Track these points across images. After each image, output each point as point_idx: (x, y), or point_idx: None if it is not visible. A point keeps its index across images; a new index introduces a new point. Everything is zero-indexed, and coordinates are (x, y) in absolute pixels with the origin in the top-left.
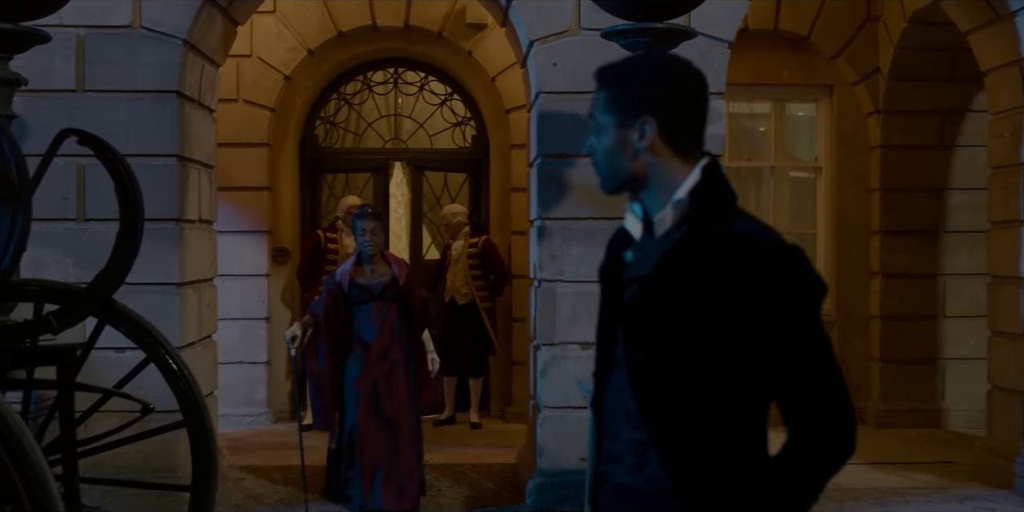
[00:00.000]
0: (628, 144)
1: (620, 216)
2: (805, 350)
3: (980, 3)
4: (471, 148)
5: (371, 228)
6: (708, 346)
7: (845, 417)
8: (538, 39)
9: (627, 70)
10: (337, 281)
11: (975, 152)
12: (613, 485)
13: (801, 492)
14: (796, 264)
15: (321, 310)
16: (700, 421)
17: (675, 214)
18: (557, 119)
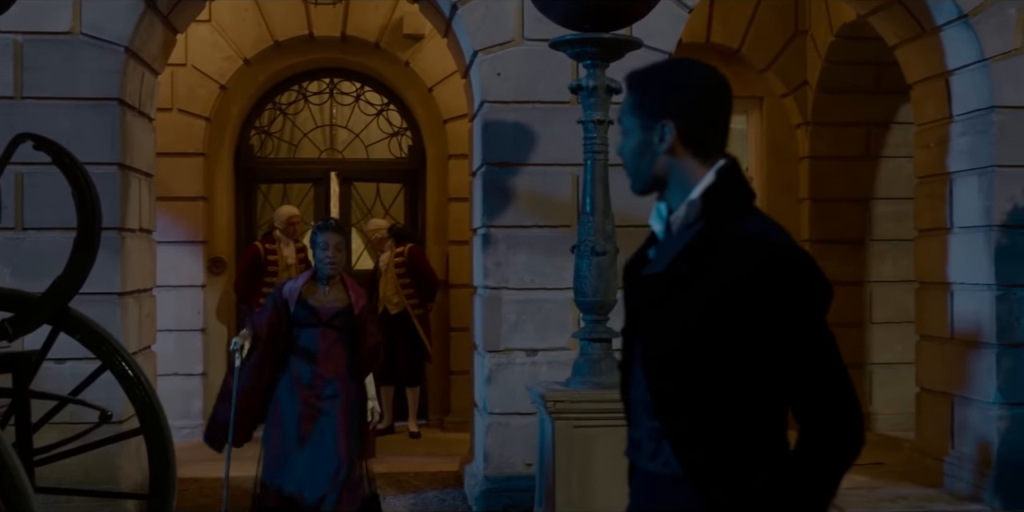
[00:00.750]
0: (650, 146)
1: (564, 224)
2: (810, 351)
3: (907, 18)
4: (407, 158)
5: (335, 244)
6: (716, 344)
7: (851, 415)
8: (482, 49)
9: (651, 75)
10: (284, 296)
11: (899, 163)
12: (637, 470)
13: (811, 487)
14: (802, 268)
15: (264, 320)
16: (710, 415)
17: (688, 214)
18: (501, 128)
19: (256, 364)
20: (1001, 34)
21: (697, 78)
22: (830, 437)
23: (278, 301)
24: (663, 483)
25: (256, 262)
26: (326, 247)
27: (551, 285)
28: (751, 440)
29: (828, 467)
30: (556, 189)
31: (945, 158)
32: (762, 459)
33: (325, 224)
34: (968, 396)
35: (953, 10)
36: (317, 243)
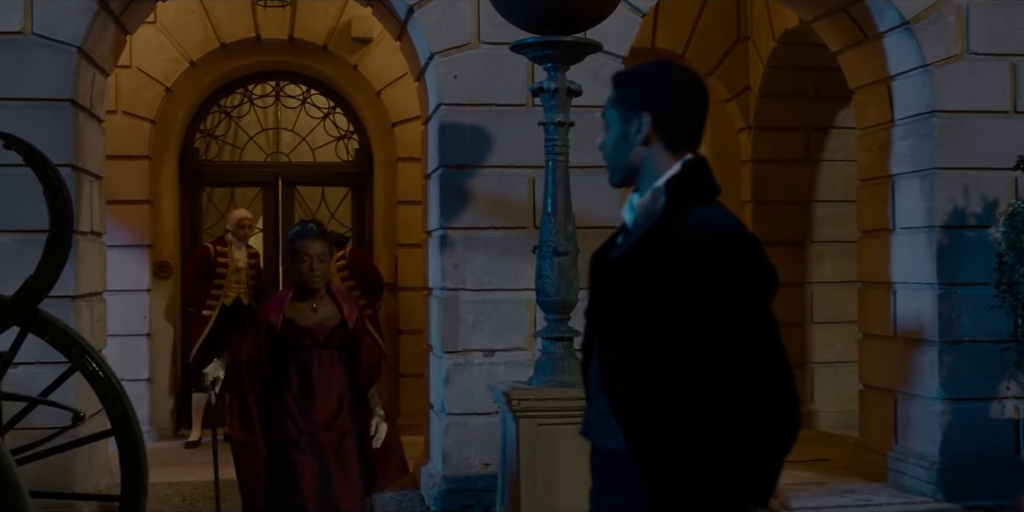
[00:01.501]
0: (627, 137)
1: (520, 226)
2: (749, 331)
3: (850, 25)
4: (354, 162)
5: (317, 253)
6: (662, 321)
7: (788, 397)
8: (439, 52)
9: (636, 74)
10: (266, 319)
11: (838, 166)
12: (593, 446)
13: (750, 467)
14: (747, 251)
15: (245, 351)
16: (654, 390)
17: (652, 200)
18: (458, 131)
19: (249, 408)
20: (942, 40)
21: (676, 78)
22: (766, 416)
23: (258, 327)
24: (613, 459)
25: (205, 264)
26: (306, 259)
27: (508, 286)
28: (692, 418)
29: (766, 446)
30: (512, 191)
31: (887, 161)
32: (702, 439)
33: (304, 230)
34: (911, 392)
35: (896, 17)
36: (295, 253)
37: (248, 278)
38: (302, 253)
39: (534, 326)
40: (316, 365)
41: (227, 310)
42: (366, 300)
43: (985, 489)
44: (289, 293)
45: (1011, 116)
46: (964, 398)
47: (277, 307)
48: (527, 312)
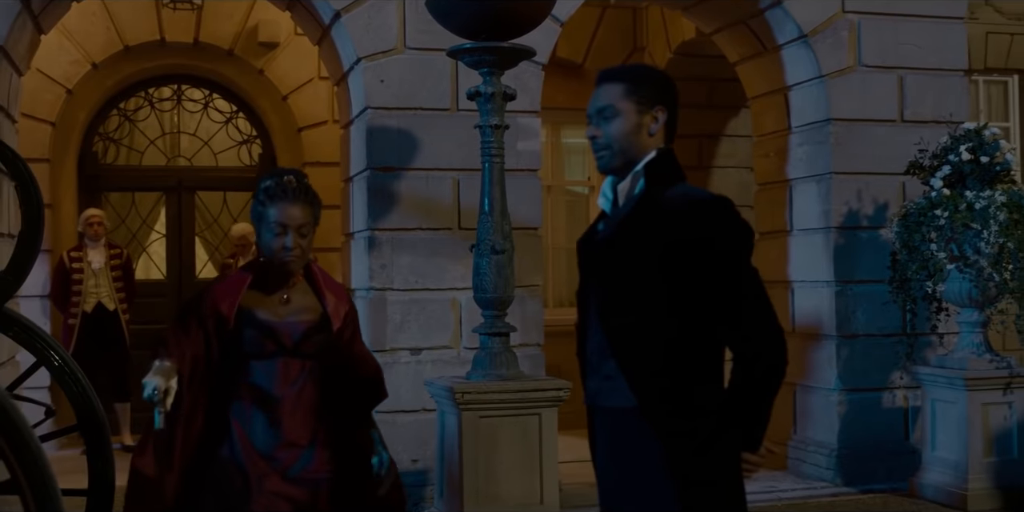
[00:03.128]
0: (642, 128)
1: (446, 227)
2: (739, 283)
3: (750, 37)
4: (258, 166)
5: (297, 224)
6: (658, 283)
7: (776, 340)
8: (366, 56)
9: (638, 70)
10: (214, 306)
11: (729, 172)
12: (598, 410)
13: (746, 408)
14: (727, 209)
15: (188, 352)
16: (657, 346)
17: (632, 183)
18: (385, 134)
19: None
20: (836, 53)
21: (669, 79)
22: (758, 362)
23: (205, 317)
24: (622, 416)
25: (62, 270)
26: (282, 228)
27: (434, 286)
28: (693, 372)
29: (761, 389)
30: (438, 193)
31: (785, 166)
32: (703, 389)
33: (279, 188)
34: (810, 384)
35: (794, 31)
36: (263, 220)
37: (111, 280)
38: (274, 222)
39: (460, 325)
40: (280, 381)
41: (89, 317)
42: None
43: (879, 474)
44: (248, 276)
45: (899, 125)
46: (859, 389)
47: (231, 291)
48: (453, 311)
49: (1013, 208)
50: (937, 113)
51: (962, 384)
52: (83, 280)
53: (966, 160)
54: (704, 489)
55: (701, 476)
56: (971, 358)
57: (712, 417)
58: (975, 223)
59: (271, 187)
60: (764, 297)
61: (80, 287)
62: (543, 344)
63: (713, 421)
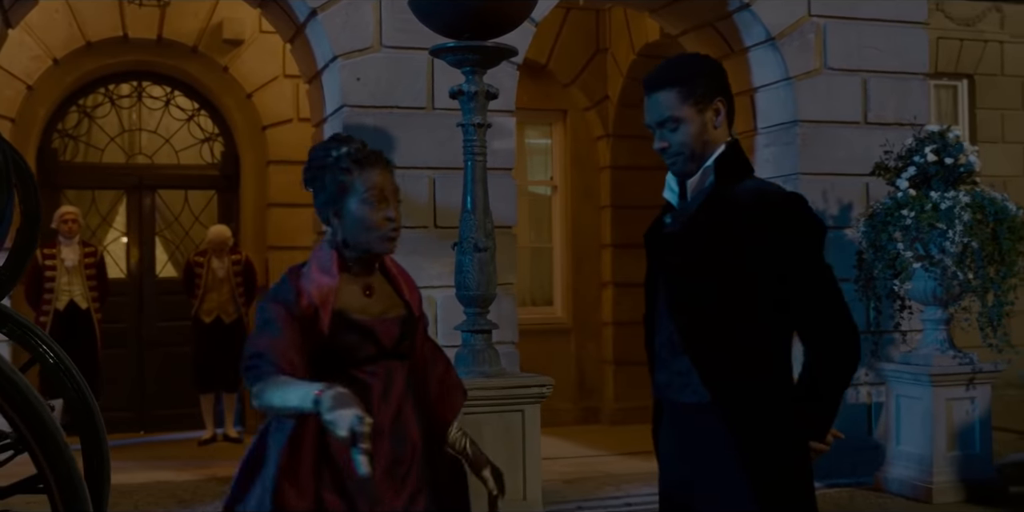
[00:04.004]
0: (707, 126)
1: (422, 225)
2: (816, 278)
3: (717, 39)
4: (220, 164)
5: (393, 191)
6: (733, 277)
7: (850, 333)
8: (342, 54)
9: (686, 68)
10: (310, 304)
11: None
12: (668, 405)
13: (819, 399)
14: (801, 206)
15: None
16: (730, 342)
17: (702, 178)
18: (361, 132)
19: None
20: (803, 56)
21: (717, 64)
22: (837, 353)
23: (302, 317)
24: (695, 412)
25: (35, 267)
26: (382, 197)
27: None
28: (765, 365)
29: (836, 379)
30: (414, 191)
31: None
32: (775, 382)
33: (363, 152)
34: None
35: (762, 33)
36: (356, 190)
37: (84, 279)
38: (372, 189)
39: (436, 323)
40: (381, 390)
41: (61, 316)
42: (247, 308)
43: (845, 468)
44: (332, 263)
45: (862, 126)
46: None
47: (325, 287)
48: (429, 309)
49: (977, 208)
50: (899, 115)
51: (927, 380)
52: (56, 277)
53: (931, 162)
54: (779, 483)
55: (776, 471)
56: (936, 355)
57: (784, 411)
58: (941, 223)
59: (354, 152)
60: (838, 292)
61: (53, 284)
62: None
63: (786, 415)
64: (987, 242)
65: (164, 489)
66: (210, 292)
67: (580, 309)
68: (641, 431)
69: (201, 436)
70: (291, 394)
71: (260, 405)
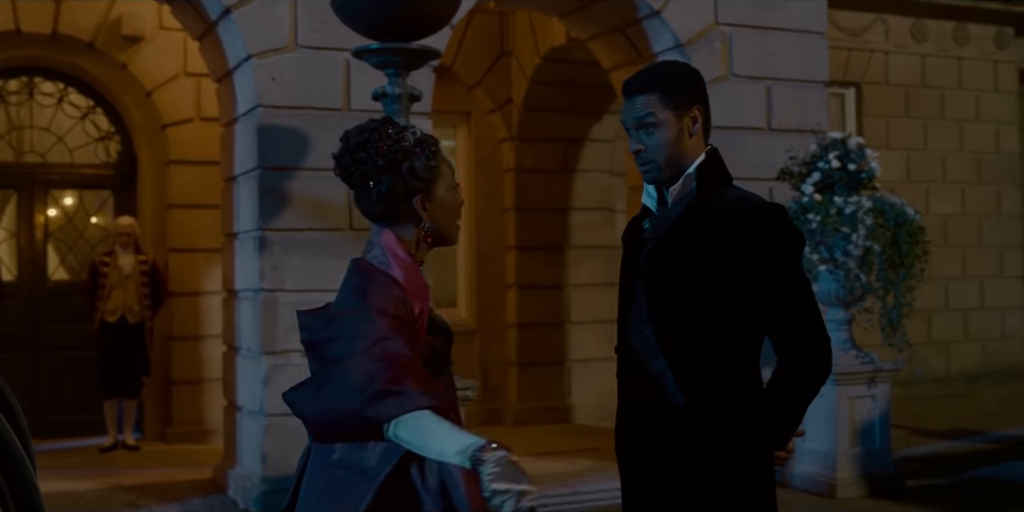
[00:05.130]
0: (684, 132)
1: (338, 227)
2: (792, 288)
3: (626, 45)
4: (117, 164)
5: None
6: (710, 286)
7: (823, 345)
8: (257, 53)
9: (668, 74)
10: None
11: (592, 176)
12: (640, 407)
13: (785, 409)
14: (782, 217)
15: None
16: (705, 347)
17: (683, 185)
18: (277, 133)
19: None
20: (710, 63)
21: (697, 73)
22: (805, 364)
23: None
24: (666, 415)
25: None
26: (456, 184)
27: (326, 287)
28: (738, 371)
29: (804, 390)
30: (331, 193)
31: None
32: (747, 387)
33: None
34: None
35: (671, 39)
36: (443, 177)
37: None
38: (452, 173)
39: None
40: (453, 402)
41: None
42: (152, 311)
43: None
44: (405, 262)
45: (766, 132)
46: None
47: (419, 284)
48: None
49: (878, 213)
50: (801, 122)
51: (831, 379)
52: None
53: (835, 167)
54: (746, 487)
55: (744, 474)
56: (839, 354)
57: (754, 417)
58: (845, 227)
59: (426, 139)
60: (814, 304)
61: None
62: None
63: (755, 420)
64: (888, 245)
65: (67, 498)
66: (115, 290)
67: (484, 311)
68: (545, 432)
69: (103, 443)
70: (442, 442)
71: (397, 442)
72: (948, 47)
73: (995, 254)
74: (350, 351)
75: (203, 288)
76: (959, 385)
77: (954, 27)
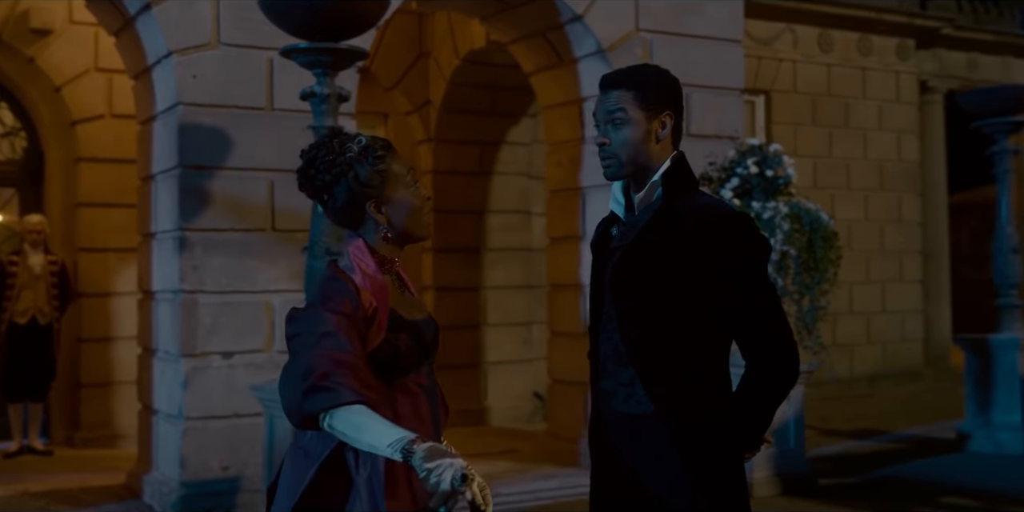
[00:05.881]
0: (651, 134)
1: (260, 228)
2: (760, 295)
3: (548, 49)
4: (22, 160)
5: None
6: (680, 293)
7: (788, 349)
8: (177, 50)
9: (643, 74)
10: (371, 310)
11: (509, 179)
12: (608, 414)
13: (757, 411)
14: (747, 224)
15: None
16: (673, 355)
17: (649, 192)
18: (198, 131)
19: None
20: None
21: (676, 80)
22: (773, 370)
23: (363, 319)
24: (638, 422)
25: None
26: (415, 180)
27: (247, 288)
28: (706, 378)
29: (775, 394)
30: (252, 193)
31: (578, 174)
32: (716, 393)
33: (381, 138)
34: None
35: (593, 45)
36: (399, 175)
37: None
38: (410, 171)
39: (273, 328)
40: (428, 399)
41: None
42: (60, 313)
43: None
44: (371, 259)
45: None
46: None
47: (380, 285)
48: (266, 314)
49: (794, 219)
50: (719, 128)
51: None
52: None
53: (753, 173)
54: (719, 492)
55: (715, 478)
56: None
57: (723, 422)
58: (763, 232)
59: (374, 140)
60: (781, 310)
61: None
62: None
63: (725, 426)
64: (803, 250)
65: None
66: (25, 290)
67: None
68: (462, 434)
69: (8, 448)
70: (375, 436)
71: (333, 433)
72: (853, 57)
73: (896, 259)
74: (301, 346)
75: (115, 289)
76: (862, 386)
77: (858, 38)
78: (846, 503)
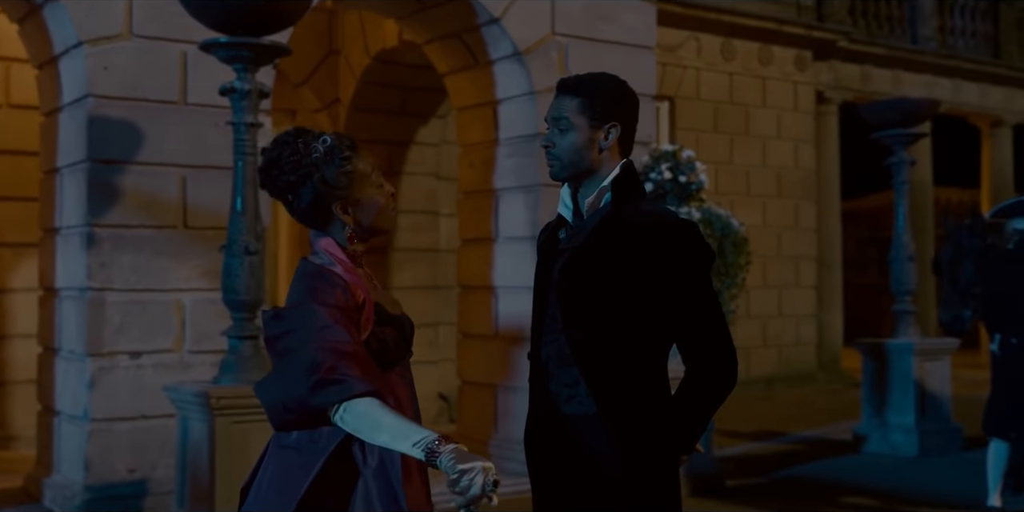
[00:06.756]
0: (594, 143)
1: (171, 225)
2: (697, 299)
3: (463, 50)
4: None
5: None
6: (623, 297)
7: (729, 355)
8: (88, 41)
9: (597, 83)
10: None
11: (417, 179)
12: (550, 415)
13: (696, 415)
14: (692, 233)
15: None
16: (616, 358)
17: (598, 198)
18: (107, 124)
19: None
20: (547, 71)
21: (634, 94)
22: (712, 374)
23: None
24: (581, 422)
25: None
26: (381, 178)
27: (157, 286)
28: (647, 380)
29: (713, 398)
30: (164, 189)
31: (491, 176)
32: (656, 396)
33: (346, 137)
34: (511, 385)
35: (509, 47)
36: (364, 177)
37: None
38: (375, 170)
39: (183, 328)
40: (410, 393)
41: None
42: None
43: None
44: (344, 256)
45: None
46: None
47: (358, 279)
48: (176, 313)
49: (706, 224)
50: None
51: None
52: None
53: (667, 179)
54: (655, 489)
55: (653, 478)
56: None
57: (663, 424)
58: None
59: (338, 139)
60: (722, 317)
61: None
62: None
63: (664, 427)
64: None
65: None
66: None
67: None
68: None
69: None
70: (395, 432)
71: (344, 427)
72: (754, 67)
73: (792, 265)
74: (298, 342)
75: (10, 285)
76: (759, 388)
77: (759, 48)
78: (753, 503)
